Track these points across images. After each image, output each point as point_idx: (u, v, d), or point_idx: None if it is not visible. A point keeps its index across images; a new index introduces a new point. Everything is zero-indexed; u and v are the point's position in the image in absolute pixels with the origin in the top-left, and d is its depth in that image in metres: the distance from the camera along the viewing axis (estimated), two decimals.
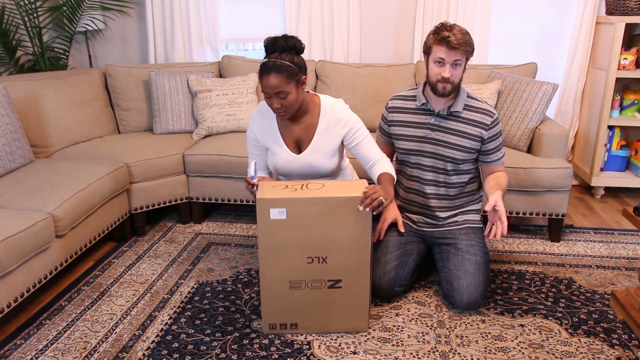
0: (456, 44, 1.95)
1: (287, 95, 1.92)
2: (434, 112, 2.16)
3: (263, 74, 1.91)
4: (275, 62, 1.88)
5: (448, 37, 1.95)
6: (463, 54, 1.98)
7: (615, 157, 3.38)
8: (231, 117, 3.15)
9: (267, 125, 2.13)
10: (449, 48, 1.96)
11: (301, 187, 1.91)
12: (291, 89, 1.92)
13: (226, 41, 3.78)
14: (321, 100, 2.10)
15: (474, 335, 1.99)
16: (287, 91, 1.91)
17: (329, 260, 1.91)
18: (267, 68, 1.89)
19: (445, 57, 1.98)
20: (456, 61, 1.99)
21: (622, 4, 3.12)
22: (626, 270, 2.48)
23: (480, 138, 2.13)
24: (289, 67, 1.89)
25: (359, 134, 2.09)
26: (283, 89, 1.90)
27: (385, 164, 2.09)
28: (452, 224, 2.25)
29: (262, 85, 1.93)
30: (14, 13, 3.40)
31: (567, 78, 3.43)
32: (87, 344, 1.97)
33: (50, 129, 2.91)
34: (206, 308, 2.19)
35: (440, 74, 2.01)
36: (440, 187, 2.22)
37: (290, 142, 2.12)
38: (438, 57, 2.00)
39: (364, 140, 2.09)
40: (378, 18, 3.57)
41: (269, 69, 1.89)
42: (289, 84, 1.91)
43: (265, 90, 1.93)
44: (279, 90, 1.90)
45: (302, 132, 2.10)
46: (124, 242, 2.82)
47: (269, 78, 1.89)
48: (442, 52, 1.98)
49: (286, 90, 1.91)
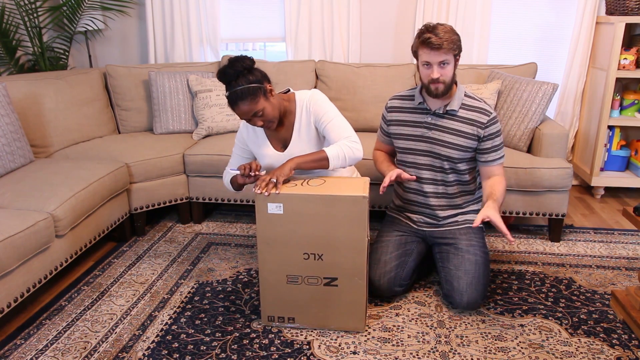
0: (438, 44, 1.95)
1: (263, 111, 1.96)
2: (431, 110, 2.16)
3: (232, 106, 1.96)
4: (235, 92, 1.91)
5: (429, 38, 1.96)
6: (448, 52, 1.98)
7: (615, 157, 3.38)
8: (231, 117, 3.15)
9: (255, 132, 2.19)
10: (431, 49, 1.97)
11: (302, 183, 1.94)
12: (263, 105, 1.95)
13: (226, 41, 3.78)
14: (296, 96, 2.13)
15: (474, 335, 1.99)
16: (260, 109, 1.95)
17: (324, 258, 1.93)
18: (232, 100, 1.94)
19: (430, 59, 1.99)
20: (442, 61, 1.99)
21: (622, 4, 3.12)
22: (626, 270, 2.48)
23: (477, 137, 2.13)
24: (250, 89, 1.91)
25: (325, 117, 2.06)
26: (255, 109, 1.94)
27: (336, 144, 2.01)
28: (452, 224, 2.25)
29: (237, 114, 1.98)
30: (14, 13, 3.40)
31: (567, 78, 3.43)
32: (87, 344, 1.97)
33: (50, 129, 2.91)
34: (206, 308, 2.19)
35: (430, 75, 2.02)
36: (438, 186, 2.22)
37: (277, 143, 2.16)
38: (424, 61, 2.02)
39: (330, 122, 2.06)
40: (378, 18, 3.56)
41: (234, 100, 1.93)
42: (258, 102, 1.94)
43: (242, 118, 1.98)
44: (252, 112, 1.95)
45: (285, 131, 2.14)
46: (124, 242, 2.82)
47: (238, 107, 1.94)
48: (426, 55, 2.00)
49: (258, 108, 1.95)
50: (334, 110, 2.09)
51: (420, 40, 2.00)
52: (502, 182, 2.15)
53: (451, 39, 1.97)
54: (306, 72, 3.32)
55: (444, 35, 1.96)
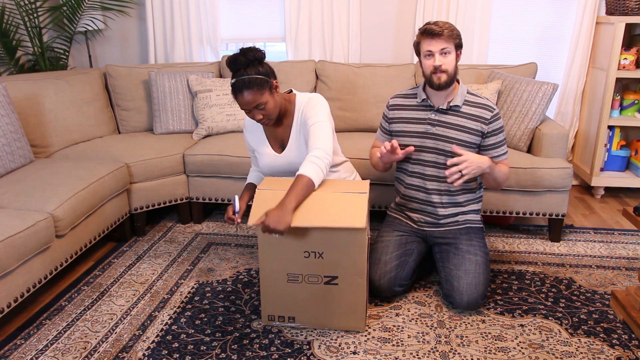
0: (438, 32, 2.01)
1: (265, 105, 1.96)
2: (434, 107, 2.16)
3: (236, 94, 1.94)
4: (243, 80, 1.91)
5: (430, 27, 2.03)
6: (449, 40, 2.03)
7: (615, 157, 3.38)
8: (231, 117, 3.15)
9: (255, 130, 2.20)
10: (432, 36, 2.03)
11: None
12: (267, 98, 1.95)
13: (226, 41, 3.78)
14: (296, 98, 2.13)
15: (474, 335, 1.99)
16: (263, 102, 1.95)
17: (325, 256, 1.93)
18: (238, 87, 1.93)
19: (432, 48, 2.04)
20: (443, 49, 2.03)
21: (622, 4, 3.12)
22: (626, 270, 2.48)
23: (481, 132, 2.13)
24: (258, 80, 1.92)
25: (310, 120, 2.03)
26: (259, 101, 1.94)
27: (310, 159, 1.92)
28: (452, 223, 2.25)
29: (239, 104, 1.97)
30: (14, 13, 3.40)
31: (567, 78, 3.43)
32: (87, 344, 1.97)
33: (50, 129, 2.91)
34: (206, 308, 2.19)
35: (432, 64, 2.05)
36: (442, 183, 2.21)
37: (275, 143, 2.17)
38: (426, 51, 2.06)
39: (311, 126, 2.01)
40: (378, 18, 3.57)
41: (239, 87, 1.92)
42: (263, 95, 1.94)
43: (243, 108, 1.97)
44: (255, 104, 1.94)
45: (283, 132, 2.14)
46: (124, 242, 2.82)
47: (243, 96, 1.93)
48: (427, 43, 2.05)
49: (262, 101, 1.94)
50: (322, 115, 2.03)
51: (421, 31, 2.07)
52: (506, 167, 2.18)
53: (451, 28, 2.04)
54: (306, 72, 3.32)
55: (444, 25, 2.03)
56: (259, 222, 1.83)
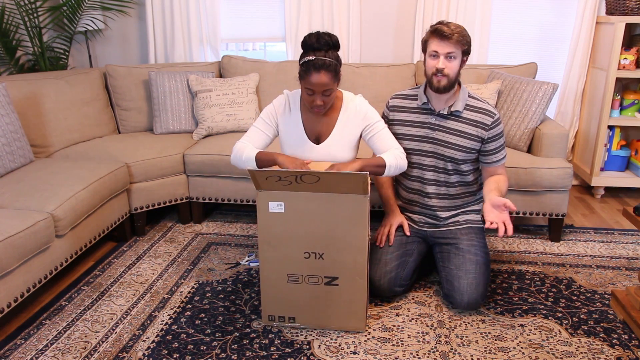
0: (449, 33, 1.99)
1: (331, 92, 1.95)
2: (435, 111, 2.16)
3: (312, 72, 1.89)
4: (324, 61, 1.88)
5: (441, 28, 2.01)
6: (457, 45, 2.00)
7: (615, 157, 3.38)
8: (231, 117, 3.15)
9: (291, 116, 2.14)
10: (441, 38, 2.00)
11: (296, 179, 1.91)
12: (334, 86, 1.96)
13: (226, 41, 3.78)
14: (343, 95, 2.14)
15: (474, 335, 1.99)
16: (332, 89, 1.95)
17: (325, 257, 1.93)
18: (318, 66, 1.88)
19: (439, 49, 2.02)
20: (450, 53, 2.01)
21: (622, 4, 3.12)
22: (626, 270, 2.48)
23: (480, 138, 2.13)
24: (337, 66, 1.92)
25: (375, 126, 2.11)
26: (330, 87, 1.93)
27: (390, 153, 2.07)
28: (453, 224, 2.25)
29: (309, 82, 1.91)
30: (14, 13, 3.40)
31: (567, 78, 3.43)
32: (87, 344, 1.97)
33: (50, 129, 2.91)
34: (206, 308, 2.19)
35: (435, 65, 2.03)
36: (441, 187, 2.22)
37: (312, 133, 2.15)
38: (432, 50, 2.04)
39: (379, 132, 2.11)
40: (378, 18, 3.56)
41: (319, 66, 1.88)
42: (335, 82, 1.95)
43: (310, 87, 1.92)
44: (326, 88, 1.92)
45: (323, 124, 2.13)
46: (124, 242, 2.82)
47: (320, 76, 1.89)
48: (435, 44, 2.02)
49: (332, 88, 1.94)
50: (382, 120, 2.14)
51: (432, 30, 2.04)
52: (506, 182, 2.19)
53: (462, 33, 2.02)
54: None
55: (455, 29, 2.01)
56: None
